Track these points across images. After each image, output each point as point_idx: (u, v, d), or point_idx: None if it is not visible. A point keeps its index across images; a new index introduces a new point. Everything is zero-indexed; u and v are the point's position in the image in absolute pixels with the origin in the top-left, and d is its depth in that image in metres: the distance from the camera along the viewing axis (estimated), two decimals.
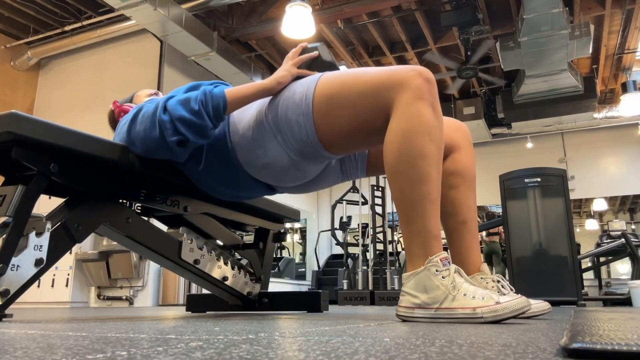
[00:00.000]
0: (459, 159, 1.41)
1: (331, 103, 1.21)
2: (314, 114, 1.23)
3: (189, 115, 1.24)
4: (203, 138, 1.28)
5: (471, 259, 1.34)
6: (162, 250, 1.59)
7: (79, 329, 0.85)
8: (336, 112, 1.21)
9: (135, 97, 1.70)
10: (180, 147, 1.27)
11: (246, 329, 0.84)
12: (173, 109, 1.25)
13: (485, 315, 1.00)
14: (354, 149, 1.32)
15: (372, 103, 1.17)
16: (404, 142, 1.10)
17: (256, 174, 1.39)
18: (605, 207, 10.03)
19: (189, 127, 1.24)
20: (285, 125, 1.26)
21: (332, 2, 5.53)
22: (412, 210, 1.09)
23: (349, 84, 1.21)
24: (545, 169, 4.26)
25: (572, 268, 3.90)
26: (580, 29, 5.36)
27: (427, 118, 1.11)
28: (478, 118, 7.54)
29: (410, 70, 1.15)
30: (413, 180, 1.09)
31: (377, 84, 1.17)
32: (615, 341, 0.48)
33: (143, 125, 1.30)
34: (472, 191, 1.41)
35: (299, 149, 1.28)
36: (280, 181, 1.41)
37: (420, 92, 1.12)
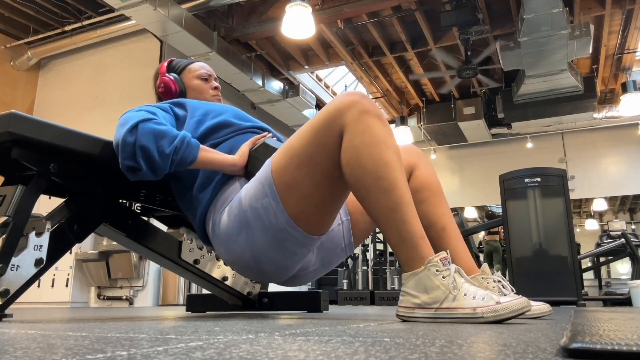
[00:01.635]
0: (420, 175, 1.44)
1: (289, 169, 1.18)
2: (278, 189, 1.18)
3: (155, 153, 1.21)
4: (155, 176, 1.25)
5: (462, 261, 1.34)
6: (162, 250, 1.59)
7: (79, 329, 0.85)
8: (296, 175, 1.17)
9: (187, 71, 1.64)
10: (129, 172, 1.24)
11: (246, 329, 0.84)
12: (143, 135, 1.21)
13: (485, 315, 1.00)
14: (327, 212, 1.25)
15: (324, 142, 1.14)
16: (363, 155, 1.10)
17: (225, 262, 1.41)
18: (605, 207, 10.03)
19: (148, 161, 1.21)
20: (252, 217, 1.22)
21: (332, 2, 5.53)
22: (392, 217, 1.09)
23: (296, 142, 1.19)
24: (545, 169, 4.26)
25: (572, 268, 3.90)
26: (580, 29, 5.35)
27: (377, 129, 1.11)
28: (478, 118, 7.53)
29: (344, 96, 1.16)
30: (383, 189, 1.09)
31: (319, 124, 1.16)
32: (615, 341, 0.48)
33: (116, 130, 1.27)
34: (441, 199, 1.43)
35: (269, 238, 1.23)
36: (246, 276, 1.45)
37: (363, 107, 1.12)
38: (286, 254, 1.27)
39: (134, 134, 1.21)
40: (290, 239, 1.23)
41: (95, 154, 1.29)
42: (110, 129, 1.68)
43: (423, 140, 8.58)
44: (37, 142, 1.16)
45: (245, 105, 6.98)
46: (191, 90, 1.62)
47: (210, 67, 1.70)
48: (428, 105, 7.96)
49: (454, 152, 8.96)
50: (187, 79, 1.63)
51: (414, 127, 7.96)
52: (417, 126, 7.98)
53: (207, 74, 1.65)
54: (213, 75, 1.68)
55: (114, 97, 6.26)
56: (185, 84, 1.62)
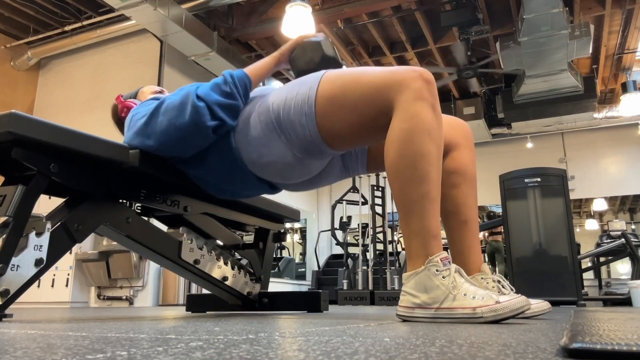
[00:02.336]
0: (458, 158, 1.41)
1: (333, 104, 1.23)
2: (317, 115, 1.25)
3: (224, 99, 1.31)
4: (236, 119, 1.35)
5: (472, 258, 1.35)
6: (162, 250, 1.59)
7: (79, 329, 0.85)
8: (338, 113, 1.23)
9: (140, 94, 1.71)
10: (214, 133, 1.32)
11: (246, 329, 0.84)
12: (207, 95, 1.30)
13: (485, 315, 1.00)
14: (356, 145, 1.36)
15: (373, 104, 1.19)
16: (405, 141, 1.11)
17: (260, 172, 1.39)
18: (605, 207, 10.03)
19: (226, 109, 1.32)
20: (289, 126, 1.28)
21: (332, 2, 5.53)
22: (412, 209, 1.10)
23: (350, 85, 1.22)
24: (545, 169, 4.26)
25: (572, 268, 3.90)
26: (580, 29, 5.36)
27: (427, 118, 1.12)
28: (478, 118, 7.54)
29: (410, 72, 1.16)
30: (413, 179, 1.10)
31: (377, 85, 1.18)
32: (615, 341, 0.48)
33: (167, 115, 1.32)
34: (472, 190, 1.40)
35: (303, 147, 1.30)
36: (284, 178, 1.42)
37: (420, 92, 1.13)
38: (317, 157, 1.36)
39: (201, 100, 1.30)
40: (320, 151, 1.32)
41: (95, 154, 1.29)
42: (110, 129, 1.68)
43: None
44: (37, 142, 1.16)
45: None
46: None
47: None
48: None
49: None
50: (143, 97, 1.68)
51: None
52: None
53: (160, 89, 1.71)
54: (165, 91, 1.73)
55: (113, 97, 6.24)
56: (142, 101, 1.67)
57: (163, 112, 1.34)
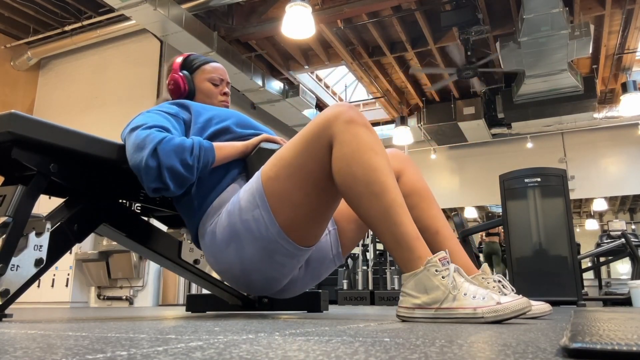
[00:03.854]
0: (408, 181, 1.44)
1: (279, 179, 1.20)
2: (268, 200, 1.20)
3: (180, 167, 1.24)
4: (182, 189, 1.29)
5: (460, 262, 1.34)
6: (162, 250, 1.59)
7: (79, 329, 0.85)
8: (288, 185, 1.19)
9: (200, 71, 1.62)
10: (154, 193, 1.27)
11: (246, 329, 0.84)
12: (165, 156, 1.23)
13: (486, 315, 1.00)
14: (318, 222, 1.26)
15: (313, 154, 1.17)
16: (352, 163, 1.12)
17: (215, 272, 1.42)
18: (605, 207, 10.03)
19: (176, 178, 1.25)
20: (242, 229, 1.24)
21: (332, 2, 5.53)
22: (385, 221, 1.10)
23: (286, 153, 1.21)
24: (545, 169, 4.26)
25: (572, 268, 3.90)
26: (580, 29, 5.36)
27: (365, 137, 1.14)
28: (478, 118, 7.54)
29: (331, 108, 1.18)
30: (375, 193, 1.10)
31: (308, 136, 1.18)
32: (615, 341, 0.48)
33: (131, 144, 1.28)
34: (430, 202, 1.43)
35: (262, 248, 1.24)
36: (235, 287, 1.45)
37: (350, 117, 1.15)
38: (275, 266, 1.28)
39: (155, 157, 1.22)
40: (280, 251, 1.24)
41: (95, 154, 1.29)
42: (110, 129, 1.67)
43: (423, 140, 8.58)
44: (37, 142, 1.16)
45: (245, 105, 6.98)
46: (200, 92, 1.61)
47: (225, 71, 1.68)
48: (428, 105, 7.97)
49: (454, 152, 8.96)
50: (198, 80, 1.61)
51: (414, 127, 7.96)
52: (417, 126, 7.98)
53: (219, 79, 1.64)
54: (225, 80, 1.67)
55: (113, 97, 6.26)
56: (195, 84, 1.61)
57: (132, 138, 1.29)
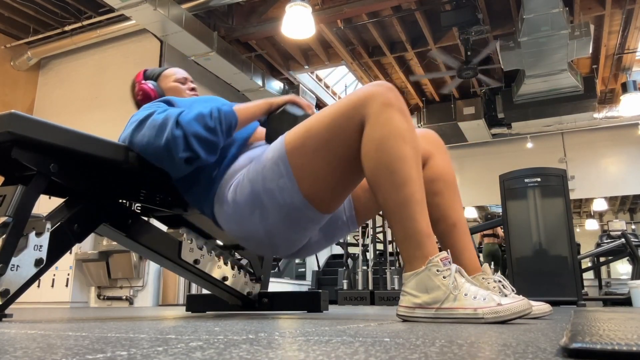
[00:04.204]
0: (434, 166, 1.42)
1: (305, 152, 1.20)
2: (293, 170, 1.21)
3: (205, 132, 1.27)
4: (212, 155, 1.31)
5: (467, 260, 1.34)
6: (162, 250, 1.59)
7: (79, 329, 0.85)
8: (313, 158, 1.19)
9: (163, 77, 1.68)
10: (186, 164, 1.29)
11: (246, 329, 0.84)
12: (187, 124, 1.26)
13: (486, 316, 1.00)
14: (338, 194, 1.28)
15: (343, 131, 1.16)
16: (380, 148, 1.11)
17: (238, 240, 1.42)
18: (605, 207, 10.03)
19: (203, 143, 1.28)
20: (266, 197, 1.24)
21: (332, 2, 5.52)
22: (400, 213, 1.10)
23: (315, 125, 1.21)
24: (545, 169, 4.26)
25: (572, 268, 3.90)
26: (580, 29, 5.35)
27: (398, 123, 1.13)
28: (478, 118, 7.53)
29: (371, 86, 1.17)
30: (395, 184, 1.10)
31: (341, 111, 1.17)
32: (615, 341, 0.48)
33: (149, 131, 1.30)
34: (455, 193, 1.41)
35: (285, 216, 1.25)
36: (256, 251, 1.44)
37: (386, 99, 1.14)
38: (297, 230, 1.30)
39: (179, 128, 1.26)
40: (303, 217, 1.26)
41: (95, 154, 1.29)
42: (110, 129, 1.68)
43: None
44: (37, 142, 1.16)
45: None
46: (169, 92, 1.65)
47: (185, 71, 1.73)
48: (428, 105, 7.97)
49: (454, 152, 8.95)
50: (163, 84, 1.66)
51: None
52: (417, 126, 7.98)
53: (183, 78, 1.69)
54: (189, 78, 1.72)
55: (113, 97, 6.26)
56: (162, 88, 1.65)
57: (147, 126, 1.32)
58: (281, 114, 1.40)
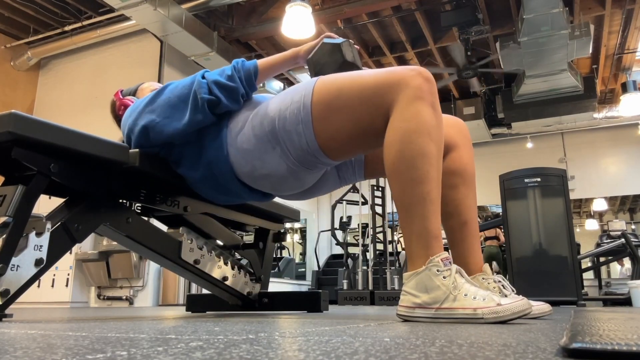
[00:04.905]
0: (457, 158, 1.40)
1: (330, 108, 1.21)
2: (313, 121, 1.22)
3: (223, 79, 1.33)
4: (235, 102, 1.35)
5: (473, 259, 1.34)
6: (162, 250, 1.59)
7: (79, 329, 0.85)
8: (335, 117, 1.20)
9: (140, 91, 1.71)
10: (211, 107, 1.32)
11: (246, 329, 0.84)
12: (210, 75, 1.36)
13: (486, 316, 1.00)
14: (354, 153, 1.31)
15: (371, 105, 1.16)
16: (405, 141, 1.10)
17: (254, 183, 1.40)
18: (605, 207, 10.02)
19: (223, 89, 1.33)
20: (285, 136, 1.26)
21: (332, 2, 5.53)
22: (412, 210, 1.09)
23: (347, 88, 1.20)
24: (545, 169, 4.26)
25: (572, 268, 3.90)
26: (580, 29, 5.36)
27: (427, 118, 1.11)
28: (478, 118, 7.53)
29: (409, 71, 1.15)
30: (413, 179, 1.09)
31: (375, 85, 1.16)
32: (615, 341, 0.48)
33: (174, 91, 1.37)
34: (471, 190, 1.39)
35: (299, 157, 1.29)
36: (277, 190, 1.43)
37: (420, 91, 1.12)
38: (312, 170, 1.35)
39: (203, 78, 1.35)
40: (316, 162, 1.30)
41: (95, 154, 1.29)
42: (110, 129, 1.68)
43: None
44: (37, 142, 1.16)
45: None
46: None
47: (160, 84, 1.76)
48: None
49: None
50: (142, 95, 1.68)
51: None
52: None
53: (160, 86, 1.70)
54: None
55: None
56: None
57: (170, 89, 1.39)
58: (333, 48, 1.38)
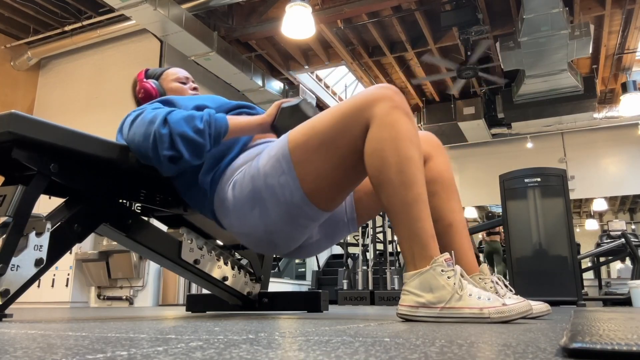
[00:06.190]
0: (433, 167, 1.42)
1: (308, 149, 1.20)
2: (295, 166, 1.21)
3: (192, 133, 1.25)
4: (198, 158, 1.29)
5: (464, 260, 1.34)
6: (162, 250, 1.59)
7: (79, 329, 0.85)
8: (316, 156, 1.20)
9: (164, 75, 1.68)
10: (170, 163, 1.27)
11: (246, 329, 0.84)
12: (175, 123, 1.25)
13: (492, 315, 1.01)
14: (341, 190, 1.28)
15: (349, 129, 1.17)
16: (388, 149, 1.12)
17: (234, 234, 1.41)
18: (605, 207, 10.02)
19: (188, 144, 1.25)
20: (267, 193, 1.25)
21: (332, 2, 5.52)
22: (407, 213, 1.10)
23: (320, 124, 1.21)
24: (545, 169, 4.26)
25: (572, 268, 3.89)
26: (580, 29, 5.36)
27: (405, 125, 1.14)
28: (478, 118, 7.53)
29: (379, 88, 1.18)
30: (404, 184, 1.10)
31: (349, 109, 1.18)
32: (615, 341, 0.48)
33: (138, 129, 1.31)
34: (452, 194, 1.41)
35: (281, 216, 1.26)
36: (255, 249, 1.45)
37: (394, 102, 1.15)
38: (297, 228, 1.31)
39: (166, 126, 1.26)
40: (303, 215, 1.27)
41: (96, 154, 1.29)
42: (110, 129, 1.68)
43: None
44: (38, 142, 1.16)
45: None
46: (170, 92, 1.65)
47: (186, 71, 1.73)
48: (428, 105, 7.97)
49: (454, 152, 8.95)
50: (165, 83, 1.66)
51: None
52: (417, 126, 7.98)
53: (184, 77, 1.69)
54: (190, 78, 1.72)
55: (113, 97, 6.26)
56: (164, 87, 1.66)
57: (137, 124, 1.32)
58: (292, 109, 1.38)
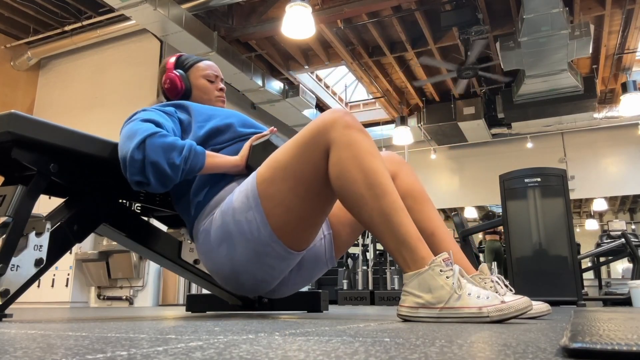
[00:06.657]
0: (401, 183, 1.42)
1: (274, 180, 1.20)
2: (262, 200, 1.20)
3: (165, 165, 1.21)
4: (164, 188, 1.26)
5: (458, 263, 1.34)
6: (162, 250, 1.59)
7: (79, 329, 0.85)
8: (282, 187, 1.19)
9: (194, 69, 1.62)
10: (136, 186, 1.25)
11: (246, 329, 0.84)
12: (151, 150, 1.21)
13: (491, 314, 1.01)
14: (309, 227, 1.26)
15: (310, 156, 1.17)
16: (352, 167, 1.12)
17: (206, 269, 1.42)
18: (605, 207, 10.02)
19: (158, 174, 1.22)
20: (235, 229, 1.24)
21: (332, 2, 5.52)
22: (387, 223, 1.10)
23: (282, 155, 1.21)
24: (545, 169, 4.25)
25: (572, 268, 3.89)
26: (580, 29, 5.35)
27: (363, 142, 1.15)
28: (478, 118, 7.53)
29: (328, 113, 1.19)
30: (376, 196, 1.10)
31: (307, 139, 1.18)
32: (615, 341, 0.48)
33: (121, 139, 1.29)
34: (426, 204, 1.41)
35: (247, 254, 1.25)
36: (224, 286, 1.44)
37: (347, 123, 1.16)
38: (265, 268, 1.28)
39: (141, 150, 1.21)
40: (271, 253, 1.24)
41: (96, 154, 1.29)
42: (110, 129, 1.68)
43: (423, 140, 8.58)
44: (37, 142, 1.16)
45: (245, 105, 6.98)
46: (196, 89, 1.60)
47: (218, 68, 1.68)
48: (428, 105, 7.96)
49: (454, 152, 8.96)
50: (193, 77, 1.61)
51: (414, 127, 7.96)
52: (417, 126, 7.98)
53: (214, 75, 1.64)
54: (220, 77, 1.67)
55: (114, 97, 6.26)
56: (191, 82, 1.60)
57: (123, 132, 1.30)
58: (264, 145, 1.38)
